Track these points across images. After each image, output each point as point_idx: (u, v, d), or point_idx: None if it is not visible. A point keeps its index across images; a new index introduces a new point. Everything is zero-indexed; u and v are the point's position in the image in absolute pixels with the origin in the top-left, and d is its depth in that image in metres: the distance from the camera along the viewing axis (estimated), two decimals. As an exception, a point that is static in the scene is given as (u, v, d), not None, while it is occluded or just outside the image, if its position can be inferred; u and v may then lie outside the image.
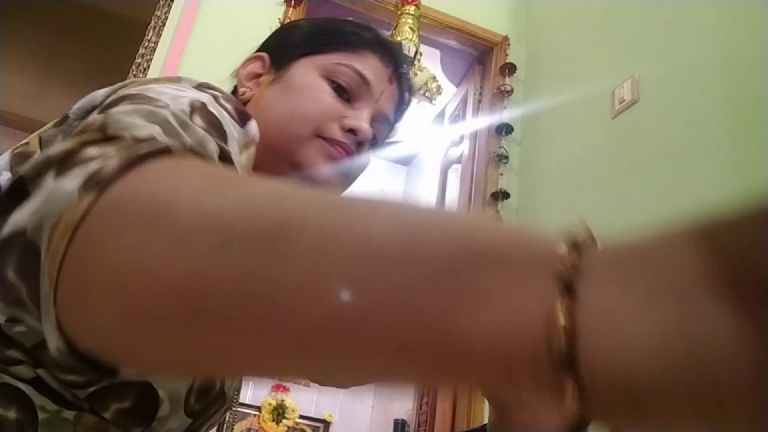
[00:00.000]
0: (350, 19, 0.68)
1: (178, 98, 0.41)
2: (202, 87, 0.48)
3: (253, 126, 0.48)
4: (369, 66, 0.63)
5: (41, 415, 0.44)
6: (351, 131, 0.61)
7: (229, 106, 0.46)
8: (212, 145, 0.38)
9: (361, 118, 0.61)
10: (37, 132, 0.51)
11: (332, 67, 0.61)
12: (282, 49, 0.65)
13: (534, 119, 2.40)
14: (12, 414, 0.43)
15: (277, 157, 0.58)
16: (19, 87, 3.63)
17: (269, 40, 0.70)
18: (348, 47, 0.63)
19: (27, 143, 0.50)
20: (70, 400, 0.45)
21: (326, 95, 0.61)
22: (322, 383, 0.46)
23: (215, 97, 0.46)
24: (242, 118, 0.47)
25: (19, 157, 0.46)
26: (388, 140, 0.68)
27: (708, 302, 0.16)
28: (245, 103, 0.62)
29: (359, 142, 0.62)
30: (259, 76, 0.64)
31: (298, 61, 0.62)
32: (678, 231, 0.17)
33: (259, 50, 0.68)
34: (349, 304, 0.19)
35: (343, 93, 0.62)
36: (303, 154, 0.59)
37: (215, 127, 0.41)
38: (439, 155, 3.18)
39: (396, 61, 0.65)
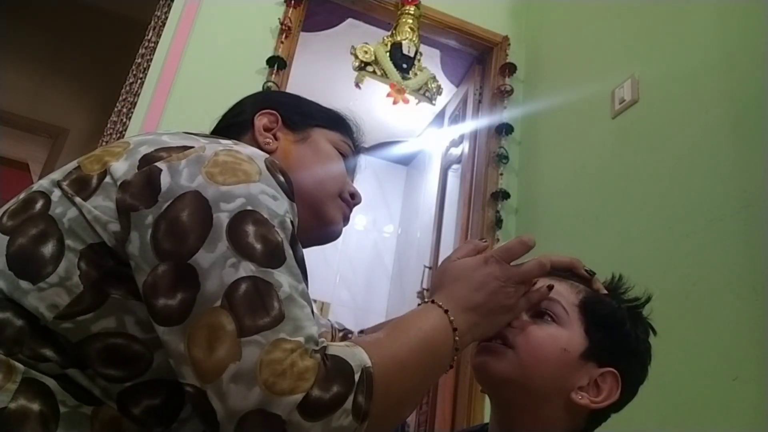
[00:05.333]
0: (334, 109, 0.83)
1: (280, 219, 0.52)
2: (270, 164, 0.56)
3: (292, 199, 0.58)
4: (351, 144, 0.80)
5: (62, 409, 0.48)
6: (351, 196, 0.77)
7: (282, 180, 0.56)
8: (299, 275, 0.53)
9: (354, 186, 0.78)
10: (88, 156, 0.57)
11: (339, 143, 0.77)
12: (296, 115, 0.76)
13: (534, 119, 2.40)
14: (36, 406, 0.47)
15: (304, 206, 0.63)
16: (19, 86, 3.62)
17: (271, 99, 0.83)
18: (344, 130, 0.79)
19: (78, 167, 0.56)
20: (95, 396, 0.50)
21: (342, 165, 0.76)
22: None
23: (275, 178, 0.55)
24: (290, 189, 0.57)
25: (77, 182, 0.54)
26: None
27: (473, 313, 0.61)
28: (269, 152, 0.70)
29: (354, 204, 0.78)
30: (270, 130, 0.74)
31: (314, 129, 0.76)
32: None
33: (251, 103, 0.78)
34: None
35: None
36: (330, 208, 0.73)
37: (293, 236, 0.54)
38: (439, 155, 3.18)
39: (359, 143, 0.83)
